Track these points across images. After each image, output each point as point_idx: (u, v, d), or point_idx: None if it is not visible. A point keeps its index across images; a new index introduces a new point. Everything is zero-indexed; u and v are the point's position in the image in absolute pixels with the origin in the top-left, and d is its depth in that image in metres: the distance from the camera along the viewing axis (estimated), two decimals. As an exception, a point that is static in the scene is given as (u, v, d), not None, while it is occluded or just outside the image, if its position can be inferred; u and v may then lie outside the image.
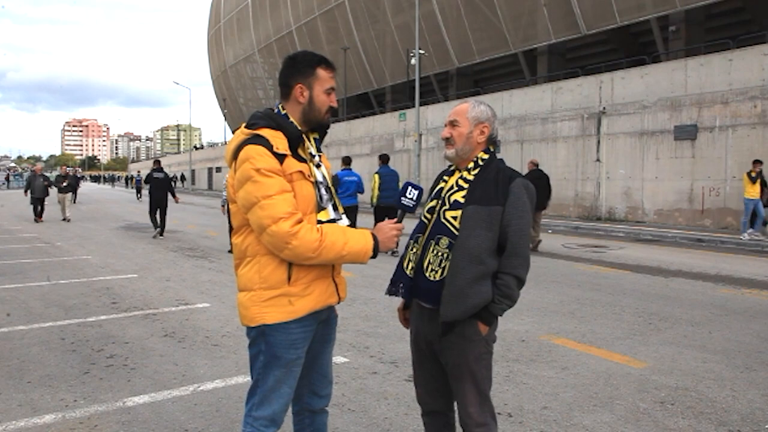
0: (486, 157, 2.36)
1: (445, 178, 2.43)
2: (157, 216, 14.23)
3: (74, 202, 28.06)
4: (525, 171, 21.11)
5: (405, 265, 2.37)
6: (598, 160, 18.87)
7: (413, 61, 25.88)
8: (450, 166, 2.47)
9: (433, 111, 26.36)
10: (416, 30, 24.33)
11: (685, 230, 14.84)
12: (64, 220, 18.56)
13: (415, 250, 2.36)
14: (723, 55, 15.71)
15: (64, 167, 21.96)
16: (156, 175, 14.45)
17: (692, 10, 19.73)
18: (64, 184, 19.18)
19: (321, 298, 2.18)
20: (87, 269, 9.20)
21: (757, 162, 13.21)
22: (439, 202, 2.35)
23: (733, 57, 15.36)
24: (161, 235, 14.25)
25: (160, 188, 14.33)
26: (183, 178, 67.05)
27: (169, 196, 14.58)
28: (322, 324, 2.29)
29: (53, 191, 19.62)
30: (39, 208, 18.45)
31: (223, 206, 12.04)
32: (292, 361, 2.16)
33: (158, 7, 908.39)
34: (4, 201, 31.70)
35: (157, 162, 15.29)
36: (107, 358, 4.71)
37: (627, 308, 6.53)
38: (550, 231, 16.24)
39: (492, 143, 2.42)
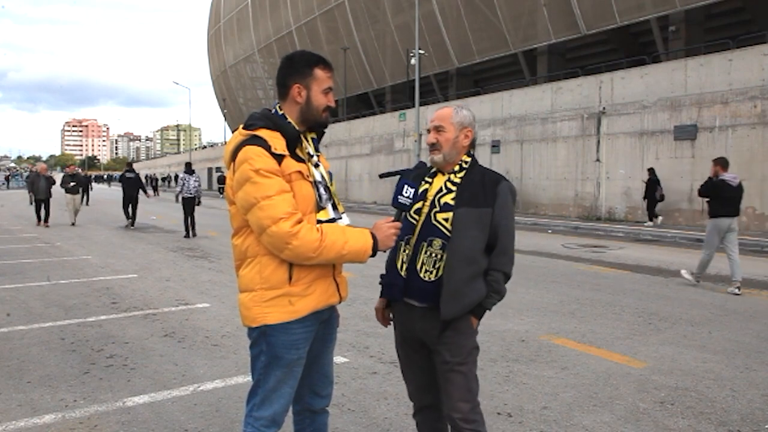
0: (469, 160, 2.45)
1: (428, 179, 2.47)
2: (130, 209, 16.64)
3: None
4: (524, 170, 21.19)
5: (399, 266, 2.41)
6: (598, 160, 18.87)
7: (413, 61, 25.89)
8: (430, 168, 2.52)
9: (433, 111, 26.25)
10: (416, 30, 24.34)
11: (685, 230, 14.84)
12: (73, 224, 17.08)
13: (407, 251, 2.40)
14: (723, 55, 15.71)
15: (73, 166, 19.83)
16: (128, 175, 16.84)
17: (692, 10, 19.74)
18: (72, 184, 17.48)
19: (322, 297, 2.18)
20: (87, 269, 9.20)
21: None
22: (427, 204, 2.40)
23: (733, 57, 15.36)
24: (132, 225, 16.47)
25: (131, 186, 16.72)
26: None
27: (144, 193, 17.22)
28: (323, 324, 2.29)
29: (57, 193, 18.33)
30: (43, 210, 16.92)
31: (177, 200, 14.50)
32: (293, 361, 2.16)
33: (158, 7, 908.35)
34: (4, 201, 31.69)
35: (129, 164, 17.80)
36: (107, 358, 4.71)
37: (627, 308, 6.54)
38: (550, 231, 16.24)
39: (472, 146, 2.51)
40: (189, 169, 15.01)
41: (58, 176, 20.93)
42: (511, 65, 29.33)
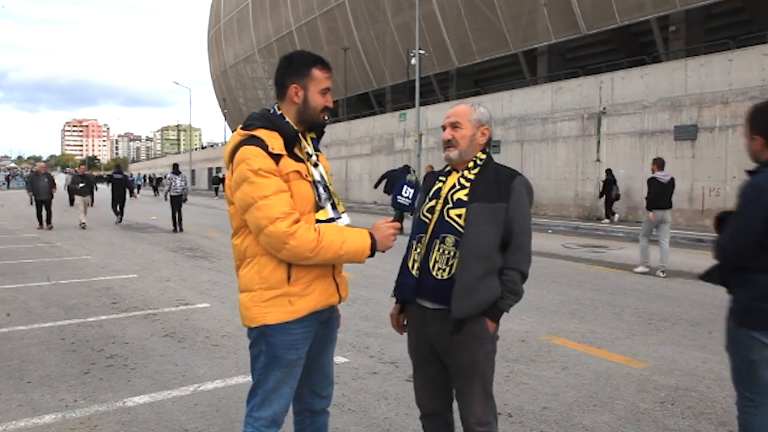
0: (484, 156, 2.41)
1: (442, 178, 2.44)
2: (117, 207, 18.33)
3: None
4: (524, 170, 21.18)
5: (410, 265, 2.36)
6: (598, 160, 18.87)
7: (413, 61, 25.87)
8: (446, 166, 2.48)
9: (433, 111, 26.36)
10: (416, 30, 24.32)
11: (685, 230, 14.84)
12: (81, 226, 16.21)
13: (419, 250, 2.35)
14: (723, 55, 15.71)
15: (82, 166, 19.20)
16: (116, 176, 18.82)
17: (692, 10, 19.74)
18: (82, 184, 16.56)
19: (321, 297, 2.18)
20: (87, 269, 9.20)
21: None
22: (440, 201, 2.35)
23: (733, 57, 15.36)
24: (120, 222, 18.00)
25: (119, 186, 18.54)
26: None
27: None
28: (323, 324, 2.28)
29: (59, 193, 17.76)
30: (45, 212, 15.93)
31: (166, 198, 16.27)
32: (292, 361, 2.16)
33: (158, 7, 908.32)
34: (4, 201, 31.69)
35: (117, 166, 21.28)
36: (107, 358, 4.71)
37: (627, 308, 6.53)
38: (550, 231, 16.24)
39: (488, 144, 2.46)
40: (176, 169, 16.40)
41: (57, 176, 20.14)
42: (511, 65, 29.32)
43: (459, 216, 2.27)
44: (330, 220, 2.19)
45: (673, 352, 4.90)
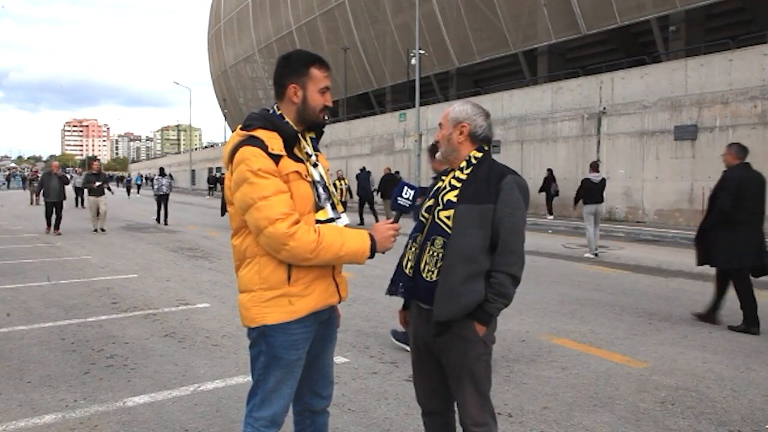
0: (479, 155, 2.36)
1: (443, 177, 2.44)
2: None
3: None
4: (524, 170, 21.19)
5: (404, 264, 2.37)
6: (598, 160, 18.85)
7: (413, 61, 25.87)
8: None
9: (433, 111, 26.35)
10: (416, 30, 24.32)
11: (685, 230, 14.83)
12: (96, 231, 14.92)
13: (414, 249, 2.36)
14: (723, 55, 15.70)
15: (96, 164, 16.57)
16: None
17: (692, 10, 19.74)
18: (97, 184, 15.13)
19: (321, 297, 2.18)
20: (87, 269, 9.20)
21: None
22: (435, 201, 2.36)
23: (733, 57, 15.36)
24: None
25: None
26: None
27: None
28: (323, 324, 2.28)
29: (70, 194, 17.10)
30: (55, 215, 14.51)
31: (155, 193, 17.80)
32: (292, 361, 2.16)
33: (158, 7, 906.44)
34: (4, 201, 31.69)
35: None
36: (107, 358, 4.71)
37: (627, 308, 6.53)
38: (550, 231, 16.25)
39: (485, 141, 2.40)
40: (162, 172, 18.79)
41: None
42: (511, 65, 29.32)
43: (448, 218, 2.26)
44: (330, 221, 2.18)
45: (673, 352, 4.90)
